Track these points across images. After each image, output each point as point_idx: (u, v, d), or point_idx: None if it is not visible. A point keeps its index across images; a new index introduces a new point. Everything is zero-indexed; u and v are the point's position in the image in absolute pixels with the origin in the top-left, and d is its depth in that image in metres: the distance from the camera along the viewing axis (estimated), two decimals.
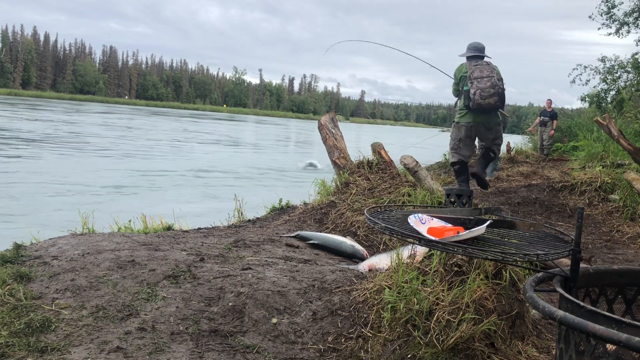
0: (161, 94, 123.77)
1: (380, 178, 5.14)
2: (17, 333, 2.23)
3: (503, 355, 2.25)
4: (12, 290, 2.55)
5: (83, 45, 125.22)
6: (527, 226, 2.04)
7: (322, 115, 6.57)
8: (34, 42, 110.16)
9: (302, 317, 2.52)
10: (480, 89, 5.24)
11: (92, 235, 3.60)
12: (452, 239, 1.71)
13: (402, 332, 2.30)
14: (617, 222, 5.36)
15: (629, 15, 15.48)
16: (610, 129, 6.21)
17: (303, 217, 4.87)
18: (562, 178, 6.83)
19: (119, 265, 2.91)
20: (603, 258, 4.40)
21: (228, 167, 15.84)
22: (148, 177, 12.60)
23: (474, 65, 5.44)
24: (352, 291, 2.70)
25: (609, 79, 16.33)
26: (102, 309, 2.47)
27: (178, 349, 2.23)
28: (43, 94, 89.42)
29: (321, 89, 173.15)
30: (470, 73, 5.34)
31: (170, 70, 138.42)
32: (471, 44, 5.71)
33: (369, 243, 4.18)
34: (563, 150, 12.78)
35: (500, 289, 2.41)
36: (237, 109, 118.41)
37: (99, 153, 16.71)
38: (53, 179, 11.01)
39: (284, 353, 2.29)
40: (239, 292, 2.65)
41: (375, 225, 1.85)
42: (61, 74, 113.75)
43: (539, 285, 1.60)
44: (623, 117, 13.44)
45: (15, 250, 3.13)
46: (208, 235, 4.05)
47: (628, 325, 1.18)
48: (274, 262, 3.24)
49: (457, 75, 5.65)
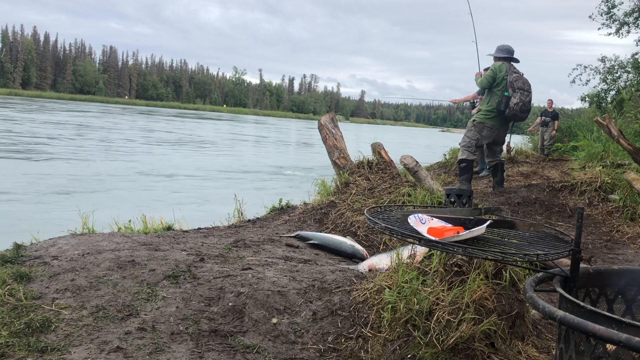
0: (161, 94, 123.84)
1: (380, 178, 5.13)
2: (17, 333, 2.23)
3: (503, 355, 2.25)
4: (12, 290, 2.55)
5: (83, 45, 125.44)
6: (527, 226, 2.04)
7: (322, 115, 6.57)
8: (34, 42, 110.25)
9: (302, 317, 2.52)
10: (522, 102, 5.51)
11: (92, 235, 3.59)
12: (452, 239, 1.71)
13: (402, 332, 2.30)
14: (617, 222, 5.36)
15: (629, 15, 15.48)
16: (610, 129, 6.21)
17: (303, 217, 4.87)
18: (562, 178, 6.82)
19: (119, 265, 2.91)
20: (603, 258, 4.40)
21: (166, 169, 14.45)
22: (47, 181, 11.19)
23: (514, 72, 5.59)
24: (352, 291, 2.70)
25: (609, 79, 16.34)
26: (102, 309, 2.47)
27: (178, 349, 2.23)
28: (43, 94, 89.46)
29: (321, 89, 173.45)
30: (514, 81, 5.50)
31: (170, 70, 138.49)
32: (503, 46, 5.83)
33: (369, 243, 4.17)
34: (563, 150, 12.77)
35: (500, 289, 2.41)
36: (237, 109, 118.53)
37: (22, 155, 15.17)
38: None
39: (284, 353, 2.29)
40: (239, 292, 2.65)
41: (375, 225, 1.85)
42: (61, 74, 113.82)
43: (539, 285, 1.61)
44: (623, 117, 13.43)
45: (15, 250, 3.13)
46: (208, 235, 4.05)
47: (628, 325, 1.18)
48: (274, 262, 3.24)
49: (498, 75, 5.66)
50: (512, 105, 5.50)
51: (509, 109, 5.52)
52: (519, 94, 5.50)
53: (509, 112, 5.54)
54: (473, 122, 5.83)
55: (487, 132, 5.76)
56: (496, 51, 5.82)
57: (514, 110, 5.52)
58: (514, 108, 5.50)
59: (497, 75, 5.67)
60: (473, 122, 5.83)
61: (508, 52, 5.78)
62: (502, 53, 5.77)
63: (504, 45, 5.87)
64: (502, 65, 5.68)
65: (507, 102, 5.52)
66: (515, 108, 5.51)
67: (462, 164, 5.84)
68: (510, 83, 5.55)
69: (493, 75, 5.68)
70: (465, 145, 5.84)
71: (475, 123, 5.79)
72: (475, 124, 5.80)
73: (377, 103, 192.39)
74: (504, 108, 5.54)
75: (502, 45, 5.87)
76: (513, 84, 5.54)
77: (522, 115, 5.62)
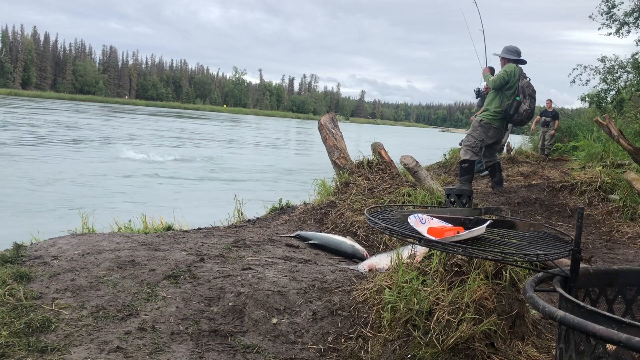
0: (161, 94, 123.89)
1: (380, 178, 5.13)
2: (17, 333, 2.23)
3: (503, 355, 2.25)
4: (12, 290, 2.55)
5: (83, 45, 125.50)
6: (527, 226, 2.04)
7: (322, 115, 6.57)
8: (34, 42, 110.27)
9: (302, 317, 2.52)
10: (530, 110, 5.68)
11: (92, 235, 3.60)
12: (452, 239, 1.71)
13: (402, 332, 2.30)
14: (617, 222, 5.36)
15: (629, 15, 15.49)
16: (610, 129, 6.21)
17: (303, 217, 4.87)
18: (562, 178, 6.82)
19: (119, 265, 2.91)
20: (603, 258, 4.40)
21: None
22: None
23: (524, 77, 5.67)
24: (352, 291, 2.70)
25: (609, 79, 16.34)
26: (102, 309, 2.47)
27: (178, 349, 2.23)
28: (43, 94, 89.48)
29: (321, 89, 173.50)
30: (525, 86, 5.60)
31: (170, 70, 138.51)
32: (512, 48, 5.86)
33: (369, 243, 4.17)
34: (563, 150, 12.77)
35: (500, 289, 2.41)
36: (237, 109, 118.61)
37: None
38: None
39: (284, 353, 2.29)
40: (239, 292, 2.65)
41: (375, 225, 1.85)
42: (61, 74, 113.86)
43: (539, 285, 1.61)
44: (623, 117, 13.43)
45: (15, 250, 3.13)
46: (208, 235, 4.05)
47: (628, 325, 1.18)
48: (274, 262, 3.24)
49: (512, 77, 5.68)
50: (521, 111, 5.60)
51: (517, 114, 5.60)
52: (528, 100, 5.60)
53: (517, 117, 5.62)
54: (480, 122, 5.79)
55: (493, 133, 5.77)
56: (505, 52, 5.81)
57: (522, 115, 5.63)
58: (522, 114, 5.62)
59: (511, 79, 5.69)
60: (480, 122, 5.79)
61: (517, 54, 5.80)
62: (512, 55, 5.77)
63: (512, 46, 5.87)
64: (515, 69, 5.70)
65: (517, 107, 5.59)
66: (524, 114, 5.64)
67: (464, 164, 5.82)
68: (522, 88, 5.62)
69: (507, 77, 5.69)
70: (470, 145, 5.80)
71: (483, 123, 5.76)
72: (483, 124, 5.76)
73: (377, 103, 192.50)
74: (513, 112, 5.60)
75: (511, 47, 5.85)
76: (524, 90, 5.62)
77: (527, 121, 5.81)
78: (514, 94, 5.62)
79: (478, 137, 5.77)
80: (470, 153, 5.78)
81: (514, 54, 5.78)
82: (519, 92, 5.59)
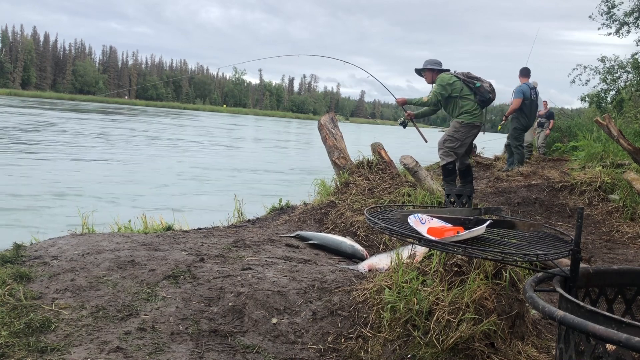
0: (161, 94, 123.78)
1: (380, 178, 5.14)
2: (17, 333, 2.23)
3: (503, 355, 2.25)
4: (12, 290, 2.55)
5: (83, 45, 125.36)
6: (527, 226, 2.04)
7: (322, 115, 6.57)
8: (34, 42, 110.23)
9: (302, 317, 2.52)
10: (488, 83, 6.00)
11: (92, 236, 3.60)
12: (452, 239, 1.71)
13: (402, 332, 2.30)
14: (617, 222, 5.36)
15: (629, 15, 15.48)
16: (610, 129, 6.21)
17: (303, 217, 4.87)
18: (562, 178, 6.82)
19: (118, 266, 2.91)
20: (603, 258, 4.40)
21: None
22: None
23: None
24: (352, 291, 2.70)
25: (608, 79, 16.32)
26: (102, 309, 2.47)
27: (178, 349, 2.23)
28: (43, 94, 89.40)
29: (321, 89, 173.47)
30: (465, 75, 5.73)
31: (170, 70, 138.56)
32: (436, 60, 6.05)
33: (369, 243, 4.17)
34: (563, 150, 12.77)
35: (500, 289, 2.41)
36: (237, 109, 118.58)
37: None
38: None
39: (284, 353, 2.29)
40: (238, 292, 2.65)
41: (375, 225, 1.85)
42: (61, 74, 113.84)
43: (539, 285, 1.61)
44: (623, 117, 13.43)
45: (15, 250, 3.13)
46: (208, 236, 4.05)
47: (628, 325, 1.18)
48: (273, 262, 3.24)
49: (449, 81, 5.75)
50: (487, 89, 5.88)
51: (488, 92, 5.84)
52: (479, 81, 5.80)
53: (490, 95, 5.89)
54: (461, 123, 5.73)
55: (476, 131, 5.89)
56: (432, 64, 5.97)
57: (491, 92, 5.91)
58: (489, 90, 5.89)
59: (448, 83, 5.78)
60: (461, 123, 5.73)
61: (441, 65, 6.01)
62: (439, 65, 5.98)
63: (434, 59, 6.06)
64: (450, 77, 5.81)
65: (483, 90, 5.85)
66: (490, 88, 5.80)
67: (449, 166, 5.85)
68: (468, 78, 5.84)
69: (444, 84, 5.76)
70: (451, 147, 5.76)
71: (464, 124, 5.73)
72: (464, 125, 5.73)
73: (377, 103, 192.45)
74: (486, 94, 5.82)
75: (434, 59, 6.04)
76: (470, 76, 5.86)
77: (494, 93, 5.83)
78: (470, 89, 5.73)
79: (459, 138, 5.77)
80: (450, 153, 5.79)
81: (440, 64, 5.94)
82: (469, 83, 5.77)
